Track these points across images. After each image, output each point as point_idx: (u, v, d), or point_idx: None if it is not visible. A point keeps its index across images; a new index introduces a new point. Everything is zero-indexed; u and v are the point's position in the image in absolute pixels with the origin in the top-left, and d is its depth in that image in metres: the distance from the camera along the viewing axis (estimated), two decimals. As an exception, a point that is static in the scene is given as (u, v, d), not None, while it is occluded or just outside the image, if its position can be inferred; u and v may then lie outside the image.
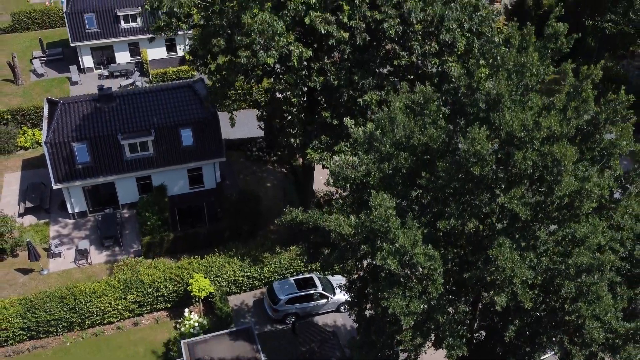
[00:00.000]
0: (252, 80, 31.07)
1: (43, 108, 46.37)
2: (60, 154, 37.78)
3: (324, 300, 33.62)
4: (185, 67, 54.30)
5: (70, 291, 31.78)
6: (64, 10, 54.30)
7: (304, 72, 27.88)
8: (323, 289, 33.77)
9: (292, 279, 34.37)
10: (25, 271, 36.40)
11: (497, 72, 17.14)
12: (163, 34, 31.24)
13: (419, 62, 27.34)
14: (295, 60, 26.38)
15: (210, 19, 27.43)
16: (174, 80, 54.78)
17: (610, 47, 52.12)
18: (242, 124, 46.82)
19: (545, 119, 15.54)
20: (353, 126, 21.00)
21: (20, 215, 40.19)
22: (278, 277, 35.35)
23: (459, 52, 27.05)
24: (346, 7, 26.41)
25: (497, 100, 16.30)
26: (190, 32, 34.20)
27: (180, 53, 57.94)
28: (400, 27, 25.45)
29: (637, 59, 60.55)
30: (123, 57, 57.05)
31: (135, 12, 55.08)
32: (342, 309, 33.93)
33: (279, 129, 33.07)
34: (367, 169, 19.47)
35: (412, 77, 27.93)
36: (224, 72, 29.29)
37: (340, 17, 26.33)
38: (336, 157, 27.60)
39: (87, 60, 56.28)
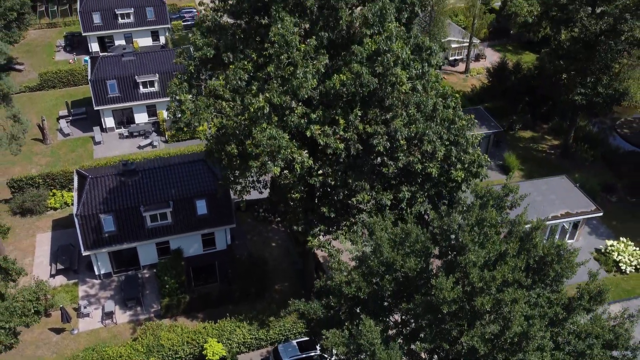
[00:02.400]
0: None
1: (71, 172, 49.74)
2: (89, 225, 40.63)
3: (324, 362, 36.28)
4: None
5: (100, 355, 34.49)
6: (89, 77, 57.37)
7: (305, 173, 30.72)
8: (322, 351, 36.40)
9: (295, 342, 37.04)
10: (58, 331, 39.10)
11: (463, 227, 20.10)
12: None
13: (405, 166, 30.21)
14: (298, 167, 29.27)
15: (225, 128, 30.29)
16: (187, 140, 57.74)
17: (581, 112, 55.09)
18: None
19: (498, 270, 18.39)
20: (348, 242, 23.79)
21: (52, 275, 42.95)
22: (282, 338, 38.03)
23: (439, 159, 29.94)
24: (342, 121, 29.34)
25: (463, 247, 19.15)
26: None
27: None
28: (388, 143, 28.37)
29: (609, 117, 63.60)
30: (141, 118, 60.06)
31: (153, 79, 58.14)
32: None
33: (282, 212, 35.88)
34: (358, 286, 22.29)
35: (398, 179, 30.81)
36: (236, 171, 32.18)
37: (337, 129, 29.27)
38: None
39: (109, 121, 59.28)
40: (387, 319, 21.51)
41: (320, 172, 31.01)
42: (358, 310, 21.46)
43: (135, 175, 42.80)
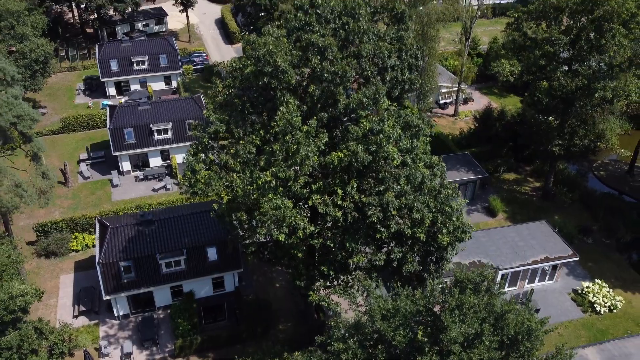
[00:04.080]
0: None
1: (91, 217, 51.66)
2: (109, 272, 42.50)
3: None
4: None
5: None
6: (108, 126, 59.54)
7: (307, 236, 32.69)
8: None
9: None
10: (81, 370, 40.86)
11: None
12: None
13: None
14: (300, 233, 31.24)
15: (235, 197, 32.28)
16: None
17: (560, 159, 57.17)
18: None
19: (475, 352, 20.25)
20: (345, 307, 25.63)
21: (75, 316, 44.72)
22: (286, 377, 39.69)
23: (427, 225, 31.91)
24: (340, 191, 31.39)
25: (445, 327, 21.05)
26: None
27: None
28: (381, 214, 30.39)
29: (587, 159, 65.63)
30: (155, 162, 62.13)
31: (167, 127, 60.31)
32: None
33: (286, 265, 37.77)
34: (354, 352, 24.14)
35: (390, 241, 32.77)
36: (246, 234, 34.14)
37: (335, 199, 31.29)
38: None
39: (126, 165, 61.34)
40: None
41: (320, 235, 32.97)
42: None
43: (152, 225, 44.75)
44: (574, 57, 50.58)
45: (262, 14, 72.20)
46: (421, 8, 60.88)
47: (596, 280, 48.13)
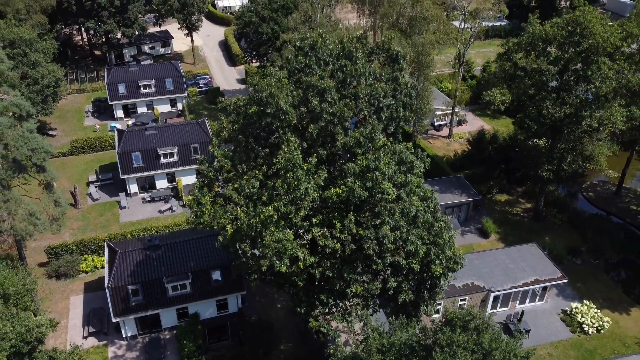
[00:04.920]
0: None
1: (100, 240, 52.63)
2: (118, 295, 43.42)
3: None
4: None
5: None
6: (116, 150, 60.69)
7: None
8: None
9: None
10: (90, 390, 41.69)
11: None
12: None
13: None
14: (301, 264, 32.24)
15: (239, 230, 33.27)
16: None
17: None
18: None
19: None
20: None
21: (85, 337, 45.58)
22: (287, 398, 40.56)
23: (421, 256, 32.90)
24: (338, 225, 32.42)
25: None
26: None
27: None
28: (377, 247, 31.41)
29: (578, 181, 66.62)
30: (162, 184, 63.21)
31: (173, 150, 61.45)
32: None
33: (286, 291, 38.72)
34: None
35: (386, 271, 33.76)
36: (249, 262, 35.11)
37: (334, 232, 32.31)
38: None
39: (133, 187, 62.42)
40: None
41: (319, 265, 33.95)
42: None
43: (159, 249, 45.75)
44: (561, 87, 51.80)
45: (264, 44, 73.69)
46: (417, 36, 62.29)
47: (584, 301, 49.04)
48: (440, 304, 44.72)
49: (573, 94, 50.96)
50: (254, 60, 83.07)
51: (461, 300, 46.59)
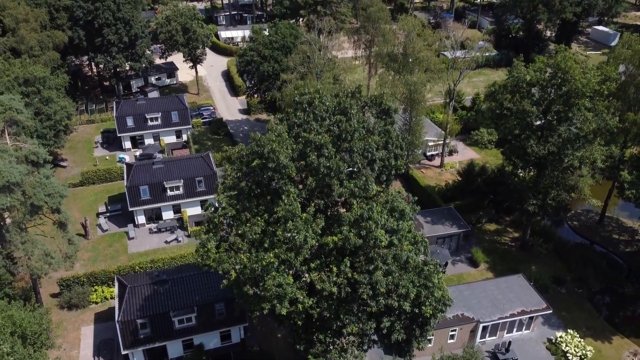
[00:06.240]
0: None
1: (110, 272, 53.85)
2: (128, 329, 44.59)
3: None
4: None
5: None
6: (125, 184, 62.13)
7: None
8: None
9: None
10: (101, 420, 42.69)
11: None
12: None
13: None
14: (300, 307, 33.55)
15: (242, 274, 34.65)
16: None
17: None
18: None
19: None
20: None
21: (96, 368, 46.76)
22: None
23: (412, 298, 34.24)
24: (335, 269, 33.81)
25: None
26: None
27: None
28: (371, 292, 32.78)
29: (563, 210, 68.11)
30: (168, 215, 64.57)
31: (179, 184, 62.92)
32: None
33: (286, 328, 39.94)
34: None
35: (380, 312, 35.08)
36: (251, 306, 36.42)
37: (330, 276, 33.68)
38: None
39: (141, 218, 63.77)
40: None
41: (317, 305, 35.26)
42: None
43: (166, 284, 47.02)
44: (544, 126, 53.49)
45: (266, 80, 75.49)
46: (410, 75, 64.17)
47: (569, 330, 50.25)
48: (432, 336, 45.90)
49: (556, 133, 52.62)
50: (256, 96, 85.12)
51: (452, 331, 47.81)
